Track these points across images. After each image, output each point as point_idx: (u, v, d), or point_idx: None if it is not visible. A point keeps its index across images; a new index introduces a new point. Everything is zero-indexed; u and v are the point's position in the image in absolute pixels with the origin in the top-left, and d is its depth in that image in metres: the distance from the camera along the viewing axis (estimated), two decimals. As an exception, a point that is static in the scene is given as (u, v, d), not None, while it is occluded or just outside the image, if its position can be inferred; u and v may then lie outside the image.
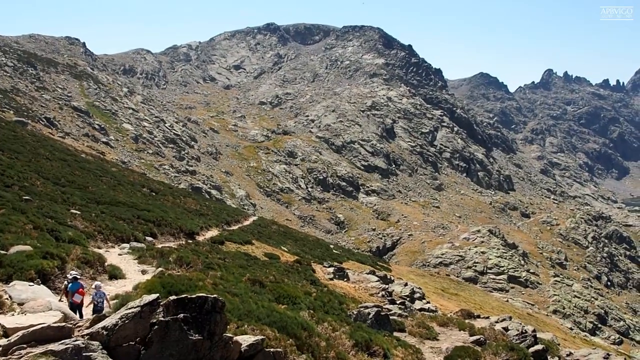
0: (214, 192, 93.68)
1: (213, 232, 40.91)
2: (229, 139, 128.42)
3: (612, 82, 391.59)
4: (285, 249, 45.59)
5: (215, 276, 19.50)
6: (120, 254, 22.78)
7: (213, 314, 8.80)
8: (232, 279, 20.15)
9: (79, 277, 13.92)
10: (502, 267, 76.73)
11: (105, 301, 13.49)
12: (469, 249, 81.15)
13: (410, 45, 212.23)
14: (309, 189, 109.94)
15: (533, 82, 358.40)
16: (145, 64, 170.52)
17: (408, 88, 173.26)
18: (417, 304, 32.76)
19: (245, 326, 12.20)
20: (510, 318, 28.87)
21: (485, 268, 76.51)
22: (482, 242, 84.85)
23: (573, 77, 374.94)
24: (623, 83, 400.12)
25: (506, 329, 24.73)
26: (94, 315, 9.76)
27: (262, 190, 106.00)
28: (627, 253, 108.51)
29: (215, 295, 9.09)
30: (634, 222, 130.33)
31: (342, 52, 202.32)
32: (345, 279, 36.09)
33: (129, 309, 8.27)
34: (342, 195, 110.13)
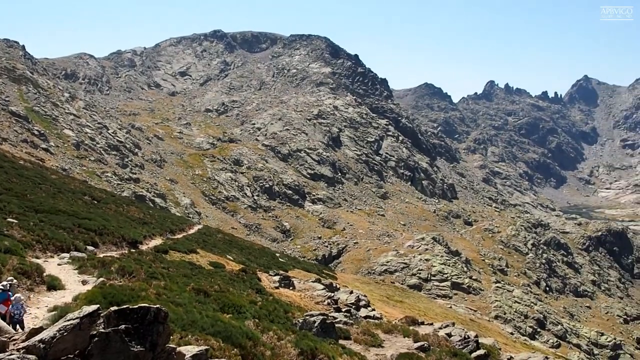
0: (158, 200, 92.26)
1: (157, 241, 40.22)
2: (174, 147, 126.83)
3: (551, 94, 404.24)
4: (231, 258, 45.20)
5: (159, 286, 19.17)
6: (59, 264, 22.14)
7: (156, 324, 8.63)
8: (176, 288, 19.84)
9: (6, 288, 13.46)
10: (446, 274, 77.87)
11: (23, 313, 13.20)
12: (414, 257, 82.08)
13: (356, 55, 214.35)
14: (255, 197, 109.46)
15: (476, 93, 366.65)
16: (88, 69, 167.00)
17: (354, 97, 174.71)
18: (363, 312, 32.91)
19: (189, 336, 12.02)
20: (454, 324, 29.29)
21: (429, 275, 77.52)
22: (426, 249, 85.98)
23: (514, 88, 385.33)
24: (561, 95, 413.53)
25: (449, 335, 25.06)
26: (31, 328, 9.45)
27: (207, 198, 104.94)
28: (565, 259, 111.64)
29: (158, 306, 8.92)
30: (570, 229, 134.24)
31: (289, 60, 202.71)
32: (291, 288, 36.02)
33: (68, 320, 8.02)
34: (288, 204, 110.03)
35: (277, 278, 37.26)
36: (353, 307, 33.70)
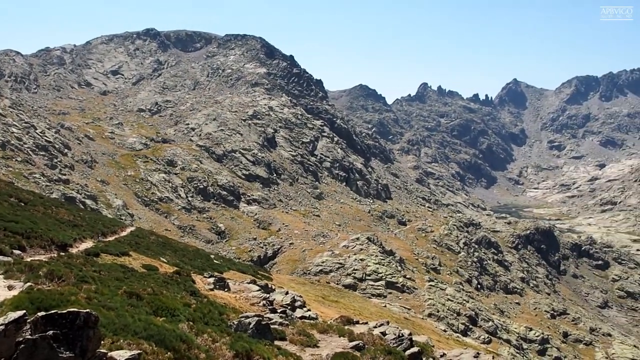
0: (88, 202, 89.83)
1: (88, 244, 39.11)
2: (106, 147, 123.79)
3: (482, 97, 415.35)
4: (164, 260, 44.45)
5: (90, 290, 18.67)
6: (-17, 269, 21.28)
7: (85, 329, 8.42)
8: (108, 292, 19.38)
9: None
10: (380, 273, 78.76)
11: None
12: (349, 257, 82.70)
13: (291, 56, 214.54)
14: (189, 199, 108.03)
15: (409, 95, 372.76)
16: (14, 67, 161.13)
17: (289, 98, 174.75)
18: (298, 312, 32.92)
19: (121, 341, 11.77)
20: (388, 323, 29.64)
21: (364, 275, 78.24)
22: (361, 249, 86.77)
23: (446, 91, 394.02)
24: (491, 98, 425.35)
25: (384, 334, 25.34)
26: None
27: (140, 199, 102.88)
28: (495, 257, 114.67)
29: (88, 310, 8.70)
30: (501, 228, 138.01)
31: (224, 60, 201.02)
32: (226, 289, 35.70)
33: (-8, 327, 7.75)
34: (223, 205, 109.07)
35: (211, 280, 36.87)
36: (289, 307, 33.68)
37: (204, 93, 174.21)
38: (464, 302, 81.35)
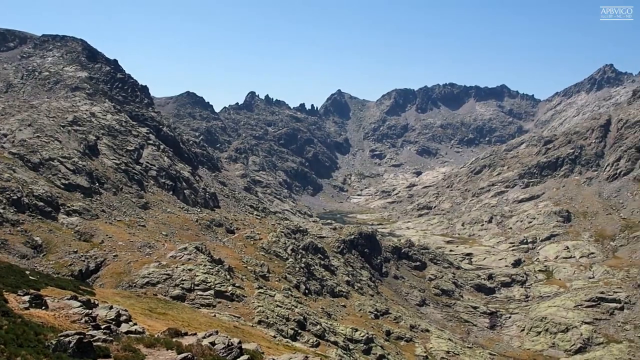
0: None
1: None
2: None
3: (308, 107, 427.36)
4: (-28, 278, 40.85)
5: None
6: None
7: None
8: None
9: None
10: (209, 283, 78.03)
11: None
12: (176, 267, 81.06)
13: (115, 60, 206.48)
14: (1, 211, 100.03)
15: (237, 103, 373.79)
16: None
17: (113, 104, 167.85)
18: (124, 327, 31.79)
19: None
20: (217, 332, 29.59)
21: (192, 285, 77.09)
22: (189, 259, 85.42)
23: (274, 100, 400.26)
24: (317, 108, 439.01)
25: (213, 344, 25.28)
26: None
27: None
28: (322, 262, 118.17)
29: None
30: (326, 233, 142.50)
31: (41, 62, 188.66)
32: (43, 307, 33.55)
33: None
34: (40, 217, 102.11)
35: (27, 298, 34.46)
36: (113, 323, 32.40)
37: (18, 96, 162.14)
38: (293, 307, 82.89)
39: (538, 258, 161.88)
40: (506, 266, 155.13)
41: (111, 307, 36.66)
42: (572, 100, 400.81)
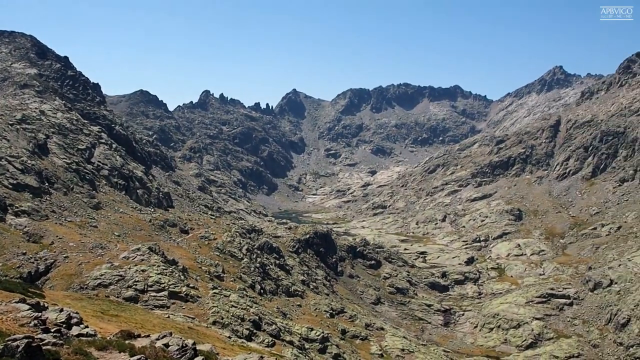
0: None
1: None
2: None
3: (263, 106, 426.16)
4: None
5: None
6: None
7: None
8: None
9: None
10: (163, 283, 76.98)
11: None
12: (129, 268, 79.71)
13: (66, 57, 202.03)
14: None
15: (191, 102, 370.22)
16: None
17: (64, 102, 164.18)
18: (75, 330, 31.03)
19: None
20: (171, 334, 29.12)
21: (146, 286, 75.91)
22: (143, 260, 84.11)
23: (228, 98, 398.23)
24: (272, 107, 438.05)
25: (167, 345, 24.88)
26: None
27: None
28: (277, 262, 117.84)
29: None
30: (282, 233, 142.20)
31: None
32: (-10, 311, 32.53)
33: None
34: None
35: (-27, 301, 33.40)
36: (64, 326, 31.61)
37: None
38: (248, 307, 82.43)
39: (490, 256, 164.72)
40: (459, 264, 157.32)
41: (62, 310, 35.77)
42: (523, 101, 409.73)
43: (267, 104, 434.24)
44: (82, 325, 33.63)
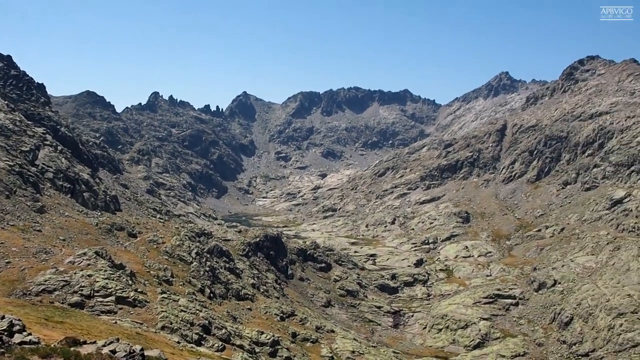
0: None
1: None
2: None
3: (213, 108, 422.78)
4: None
5: None
6: None
7: None
8: None
9: None
10: (110, 288, 75.53)
11: None
12: (75, 273, 77.90)
13: (9, 56, 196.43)
14: None
15: (140, 104, 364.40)
16: None
17: (6, 102, 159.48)
18: (17, 338, 30.15)
19: None
20: (118, 340, 28.61)
21: (92, 291, 74.33)
22: (89, 264, 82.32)
23: (178, 100, 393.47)
24: (222, 109, 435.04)
25: (114, 352, 24.45)
26: None
27: None
28: (227, 265, 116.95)
29: None
30: (232, 236, 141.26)
31: None
32: None
33: None
34: None
35: None
36: (5, 333, 30.68)
37: None
38: (197, 311, 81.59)
39: (439, 258, 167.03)
40: (409, 266, 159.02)
41: (3, 317, 34.72)
42: (471, 106, 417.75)
43: (217, 107, 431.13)
44: (25, 333, 32.69)
